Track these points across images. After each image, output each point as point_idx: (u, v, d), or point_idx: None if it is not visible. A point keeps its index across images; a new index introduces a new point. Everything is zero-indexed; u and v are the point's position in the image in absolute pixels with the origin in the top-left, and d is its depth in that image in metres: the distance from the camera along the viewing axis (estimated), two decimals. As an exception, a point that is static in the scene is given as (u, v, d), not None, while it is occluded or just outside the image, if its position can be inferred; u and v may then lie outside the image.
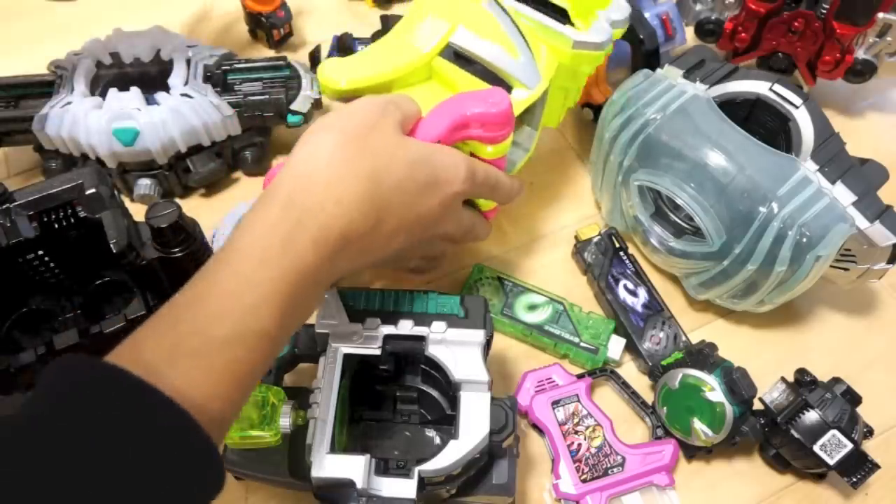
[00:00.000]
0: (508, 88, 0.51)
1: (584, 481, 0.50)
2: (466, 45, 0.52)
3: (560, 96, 0.59)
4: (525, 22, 0.53)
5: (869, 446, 0.51)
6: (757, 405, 0.52)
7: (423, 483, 0.41)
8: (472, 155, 0.48)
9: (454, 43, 0.52)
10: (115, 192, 0.49)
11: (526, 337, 0.57)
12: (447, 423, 0.49)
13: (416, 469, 0.41)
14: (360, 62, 0.51)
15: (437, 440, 0.50)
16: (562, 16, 0.55)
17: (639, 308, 0.58)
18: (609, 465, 0.51)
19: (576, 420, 0.52)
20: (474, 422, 0.42)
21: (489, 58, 0.51)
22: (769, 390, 0.52)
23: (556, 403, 0.53)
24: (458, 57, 0.52)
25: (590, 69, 0.58)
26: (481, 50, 0.51)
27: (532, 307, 0.57)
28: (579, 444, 0.51)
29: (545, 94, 0.54)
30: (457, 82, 0.51)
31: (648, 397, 0.55)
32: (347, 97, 0.50)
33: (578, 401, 0.53)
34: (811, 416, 0.49)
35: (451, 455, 0.41)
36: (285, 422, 0.43)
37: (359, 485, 0.40)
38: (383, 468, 0.44)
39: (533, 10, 0.54)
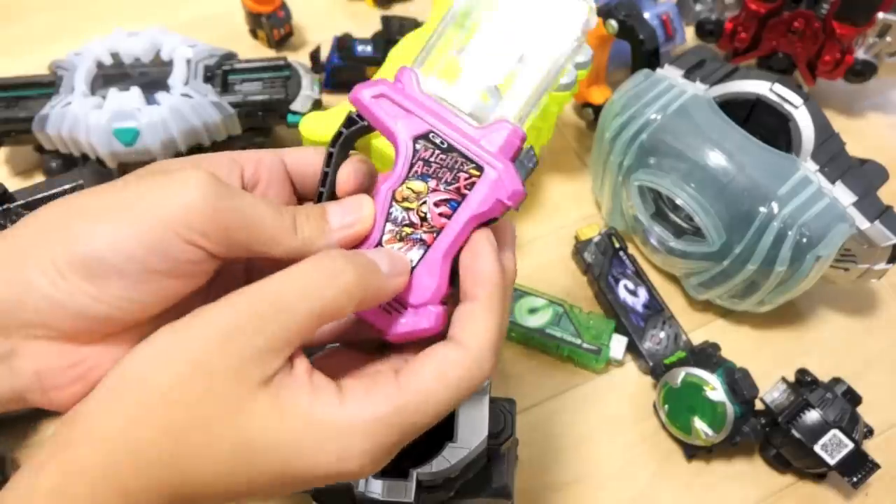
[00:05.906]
0: None
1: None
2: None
3: (532, 135, 0.62)
4: None
5: (869, 446, 0.51)
6: (758, 405, 0.52)
7: (420, 486, 0.41)
8: None
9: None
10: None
11: (528, 341, 0.57)
12: (445, 424, 0.49)
13: (414, 472, 0.41)
14: (338, 116, 0.55)
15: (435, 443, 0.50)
16: None
17: (639, 308, 0.58)
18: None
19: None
20: (472, 424, 0.42)
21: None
22: (770, 390, 0.52)
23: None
24: None
25: (558, 109, 0.62)
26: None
27: (532, 311, 0.57)
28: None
29: None
30: None
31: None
32: None
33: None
34: (812, 416, 0.49)
35: (449, 458, 0.41)
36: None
37: (356, 488, 0.40)
38: (380, 471, 0.44)
39: None
